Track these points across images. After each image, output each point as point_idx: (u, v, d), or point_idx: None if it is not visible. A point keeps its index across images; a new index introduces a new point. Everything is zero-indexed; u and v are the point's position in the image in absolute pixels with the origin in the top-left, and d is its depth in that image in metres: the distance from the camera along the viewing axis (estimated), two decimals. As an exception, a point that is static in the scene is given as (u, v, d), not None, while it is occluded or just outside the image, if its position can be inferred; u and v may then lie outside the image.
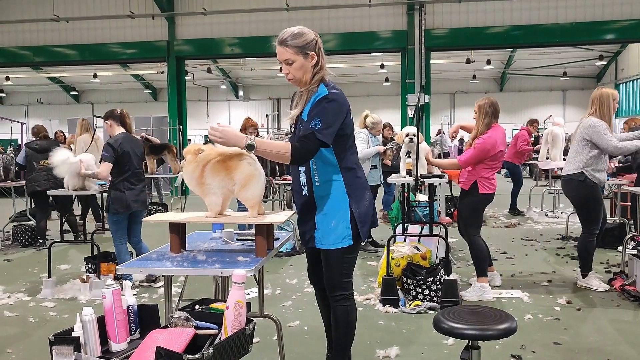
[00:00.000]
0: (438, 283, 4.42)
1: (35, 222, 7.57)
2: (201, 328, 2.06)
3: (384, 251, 4.68)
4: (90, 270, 5.23)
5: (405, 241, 5.07)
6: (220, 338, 2.00)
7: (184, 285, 3.74)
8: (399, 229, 5.04)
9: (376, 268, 5.64)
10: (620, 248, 5.65)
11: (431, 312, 4.28)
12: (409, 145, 4.95)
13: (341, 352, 2.80)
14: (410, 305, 4.39)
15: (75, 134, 8.46)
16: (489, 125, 4.57)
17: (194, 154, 2.64)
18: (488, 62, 22.20)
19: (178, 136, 13.95)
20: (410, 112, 12.92)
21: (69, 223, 7.67)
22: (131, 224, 5.09)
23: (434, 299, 4.40)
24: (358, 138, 6.33)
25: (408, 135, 4.94)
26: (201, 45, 14.62)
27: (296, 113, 2.69)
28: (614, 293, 4.74)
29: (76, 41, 14.92)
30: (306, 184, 2.71)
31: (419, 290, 4.44)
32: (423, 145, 5.04)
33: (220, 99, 31.59)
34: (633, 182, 6.49)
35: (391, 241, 4.67)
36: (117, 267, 2.70)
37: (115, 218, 4.93)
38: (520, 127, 9.98)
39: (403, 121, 13.98)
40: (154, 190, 10.09)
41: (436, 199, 6.46)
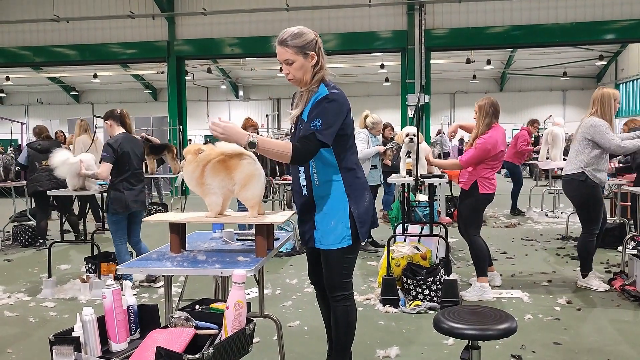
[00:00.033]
0: (438, 283, 4.42)
1: (35, 222, 7.58)
2: (201, 328, 2.06)
3: (384, 251, 4.68)
4: (90, 270, 5.23)
5: (405, 241, 5.07)
6: (220, 338, 2.00)
7: (184, 285, 3.74)
8: (399, 229, 5.04)
9: (376, 268, 5.63)
10: (620, 248, 5.65)
11: (431, 312, 4.28)
12: (409, 145, 4.95)
13: (341, 352, 2.80)
14: (410, 305, 4.39)
15: (74, 134, 8.47)
16: (490, 125, 4.57)
17: (194, 154, 2.64)
18: (488, 62, 22.19)
19: (178, 136, 13.96)
20: (410, 112, 12.92)
21: (70, 223, 7.68)
22: (130, 224, 5.09)
23: (434, 299, 4.40)
24: (358, 138, 6.33)
25: (408, 135, 4.94)
26: (201, 45, 14.62)
27: (297, 113, 2.69)
28: (614, 293, 4.74)
29: (76, 41, 14.92)
30: (306, 184, 2.71)
31: (419, 290, 4.44)
32: (423, 145, 5.04)
33: (220, 99, 31.59)
34: (632, 182, 6.49)
35: (391, 241, 4.67)
36: (117, 267, 2.70)
37: (114, 218, 4.93)
38: (520, 127, 9.97)
39: (403, 121, 13.98)
40: (154, 190, 10.09)
41: (436, 199, 6.46)
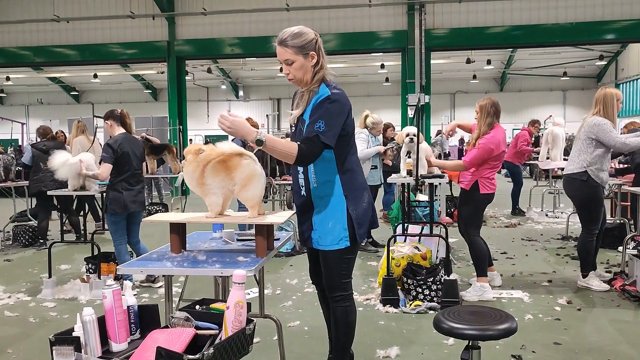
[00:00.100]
0: (438, 283, 4.42)
1: (35, 222, 7.57)
2: (201, 328, 2.06)
3: (384, 251, 4.68)
4: (90, 270, 5.23)
5: (405, 241, 5.07)
6: (220, 338, 2.00)
7: (184, 285, 3.74)
8: (399, 229, 5.04)
9: (376, 268, 5.63)
10: (620, 248, 5.65)
11: (431, 312, 4.28)
12: (409, 145, 4.94)
13: (341, 353, 2.80)
14: (410, 305, 4.39)
15: (71, 135, 8.46)
16: (491, 125, 4.57)
17: (195, 154, 2.64)
18: (488, 62, 22.17)
19: (178, 136, 13.96)
20: (410, 112, 12.93)
21: (72, 223, 7.68)
22: (129, 225, 5.08)
23: (434, 299, 4.40)
24: (358, 138, 6.33)
25: (408, 135, 4.93)
26: (201, 45, 14.63)
27: (298, 113, 2.68)
28: (614, 293, 4.74)
29: (76, 41, 14.93)
30: (304, 185, 2.71)
31: (419, 290, 4.44)
32: (424, 145, 5.04)
33: (220, 99, 31.58)
34: (632, 183, 6.49)
35: (391, 241, 4.67)
36: (118, 267, 2.70)
37: (113, 218, 4.93)
38: (521, 127, 9.97)
39: (403, 121, 13.99)
40: (154, 190, 10.09)
41: (436, 199, 6.46)
